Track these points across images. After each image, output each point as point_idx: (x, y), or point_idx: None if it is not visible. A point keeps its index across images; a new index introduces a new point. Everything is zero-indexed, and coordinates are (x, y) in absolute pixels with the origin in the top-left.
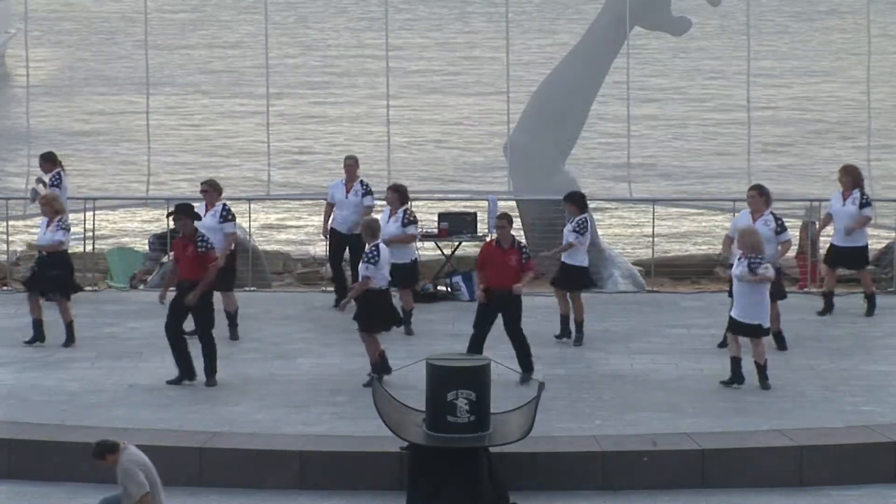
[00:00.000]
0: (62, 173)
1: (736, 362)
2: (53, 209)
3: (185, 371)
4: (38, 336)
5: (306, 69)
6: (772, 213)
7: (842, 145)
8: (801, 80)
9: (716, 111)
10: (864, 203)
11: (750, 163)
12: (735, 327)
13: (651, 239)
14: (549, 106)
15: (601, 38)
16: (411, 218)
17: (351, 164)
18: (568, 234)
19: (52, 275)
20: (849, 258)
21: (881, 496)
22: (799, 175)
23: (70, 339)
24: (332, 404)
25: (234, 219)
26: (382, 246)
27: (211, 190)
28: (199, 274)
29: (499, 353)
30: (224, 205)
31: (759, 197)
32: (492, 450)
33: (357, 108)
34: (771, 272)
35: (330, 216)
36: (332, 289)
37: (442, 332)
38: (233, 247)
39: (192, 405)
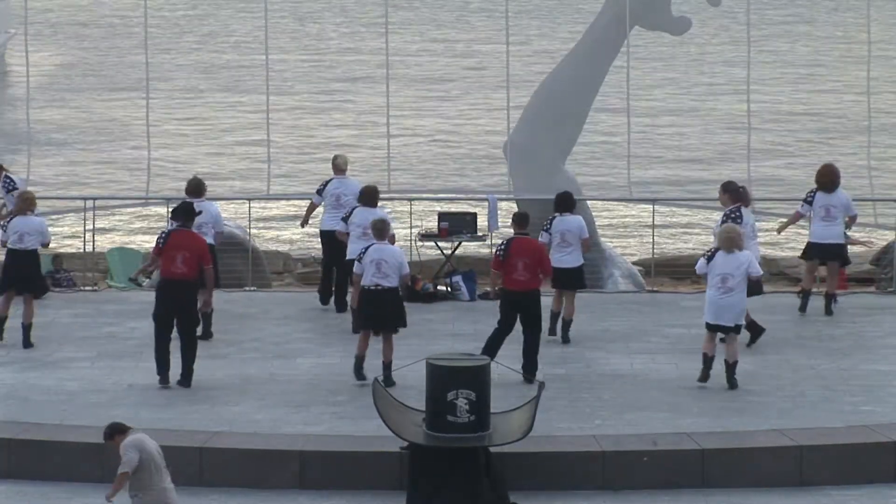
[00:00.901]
0: (9, 174)
1: (708, 360)
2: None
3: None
4: None
5: (306, 69)
6: (728, 210)
7: (842, 145)
8: (803, 80)
9: (716, 111)
10: (803, 200)
11: (750, 163)
12: (711, 327)
13: (651, 239)
14: (549, 106)
15: (601, 38)
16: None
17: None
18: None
19: (24, 274)
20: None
21: (881, 496)
22: (800, 175)
23: (27, 342)
24: (332, 404)
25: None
26: (375, 246)
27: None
28: None
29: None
30: None
31: (723, 194)
32: (492, 449)
33: (357, 108)
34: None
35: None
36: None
37: (442, 332)
38: None
39: (191, 405)
